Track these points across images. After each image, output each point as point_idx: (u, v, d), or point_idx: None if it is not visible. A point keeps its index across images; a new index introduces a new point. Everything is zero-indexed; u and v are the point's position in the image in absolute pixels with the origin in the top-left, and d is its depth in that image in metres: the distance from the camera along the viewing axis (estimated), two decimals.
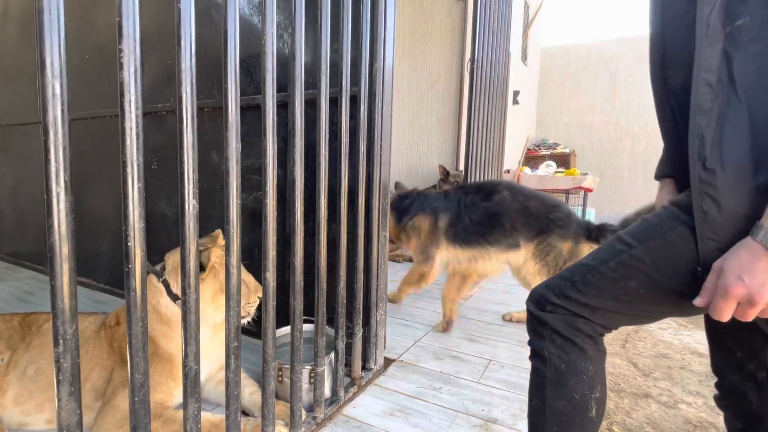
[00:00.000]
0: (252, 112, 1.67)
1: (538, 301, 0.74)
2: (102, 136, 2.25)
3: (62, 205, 0.54)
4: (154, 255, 2.08)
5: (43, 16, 0.51)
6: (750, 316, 0.56)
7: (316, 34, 1.18)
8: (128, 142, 0.62)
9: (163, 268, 1.06)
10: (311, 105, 1.39)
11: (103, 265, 2.32)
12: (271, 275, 0.90)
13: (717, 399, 0.87)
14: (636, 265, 0.66)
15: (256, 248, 1.71)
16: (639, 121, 6.60)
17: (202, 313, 0.95)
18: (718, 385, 0.85)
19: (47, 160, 0.53)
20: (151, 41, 1.96)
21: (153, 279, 1.06)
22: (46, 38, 0.52)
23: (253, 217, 1.72)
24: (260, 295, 1.11)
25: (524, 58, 5.94)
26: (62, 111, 0.53)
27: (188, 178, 0.71)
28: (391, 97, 1.42)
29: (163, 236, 2.03)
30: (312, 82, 1.50)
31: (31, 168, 2.72)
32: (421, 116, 3.62)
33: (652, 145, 6.56)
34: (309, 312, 1.27)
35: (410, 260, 3.47)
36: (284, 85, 1.55)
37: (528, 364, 1.50)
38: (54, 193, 0.54)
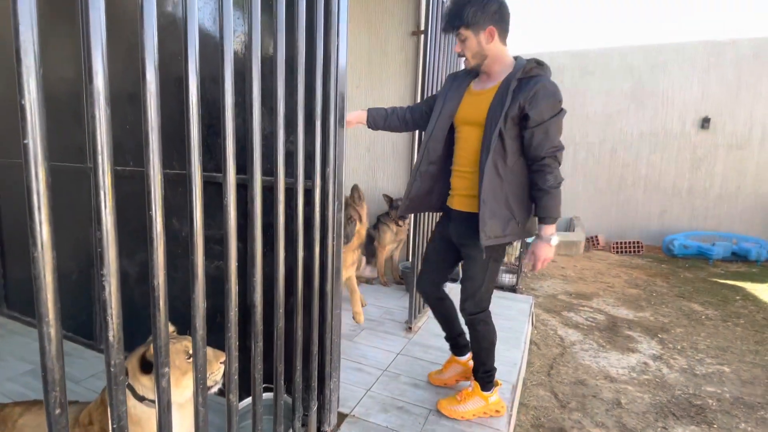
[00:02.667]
0: (212, 186, 1.78)
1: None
2: (61, 185, 2.26)
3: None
4: None
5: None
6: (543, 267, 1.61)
7: (272, 125, 1.32)
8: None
9: (126, 373, 1.17)
10: (270, 190, 1.53)
11: (64, 312, 2.34)
12: (233, 396, 1.06)
13: None
14: None
15: (218, 313, 1.84)
16: (581, 132, 7.08)
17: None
18: None
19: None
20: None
21: None
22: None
23: (214, 283, 1.84)
24: (222, 360, 1.25)
25: None
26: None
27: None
28: (342, 193, 1.58)
29: (125, 295, 2.10)
30: (270, 168, 1.63)
31: None
32: (377, 143, 3.77)
33: (591, 154, 7.07)
34: (269, 377, 1.44)
35: (367, 282, 3.68)
36: (244, 165, 1.68)
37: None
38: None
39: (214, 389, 1.21)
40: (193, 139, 0.93)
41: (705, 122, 6.33)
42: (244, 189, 1.76)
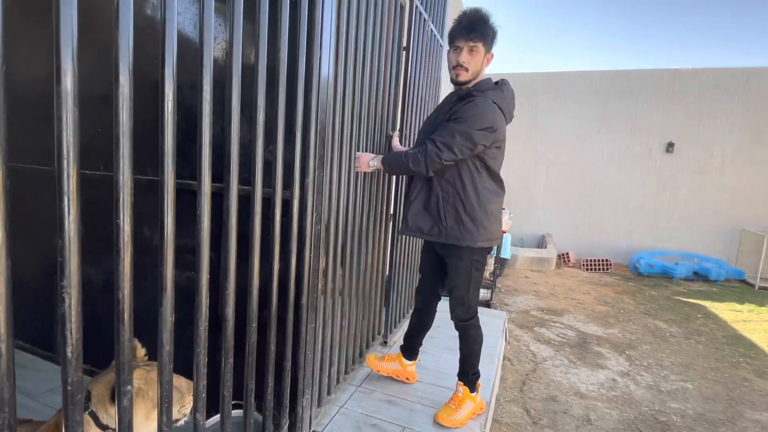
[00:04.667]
0: (186, 194, 1.72)
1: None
2: (26, 188, 2.15)
3: None
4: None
5: None
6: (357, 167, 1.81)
7: (251, 133, 1.29)
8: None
9: (88, 398, 1.09)
10: (247, 200, 1.49)
11: (22, 321, 2.20)
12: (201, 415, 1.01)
13: None
14: None
15: (188, 326, 1.77)
16: (553, 151, 7.30)
17: (137, 430, 1.04)
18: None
19: None
20: (80, 103, 1.92)
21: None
22: None
23: (184, 295, 1.77)
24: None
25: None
26: None
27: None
28: (321, 205, 1.56)
29: (89, 306, 2.00)
30: (247, 177, 1.60)
31: None
32: None
33: (563, 173, 7.28)
34: (239, 394, 1.38)
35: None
36: (220, 173, 1.64)
37: (435, 431, 1.73)
38: None
39: (181, 422, 1.15)
40: (167, 145, 0.89)
41: (669, 147, 6.63)
42: (219, 198, 1.72)
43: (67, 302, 0.71)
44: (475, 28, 1.57)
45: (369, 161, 1.83)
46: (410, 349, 2.10)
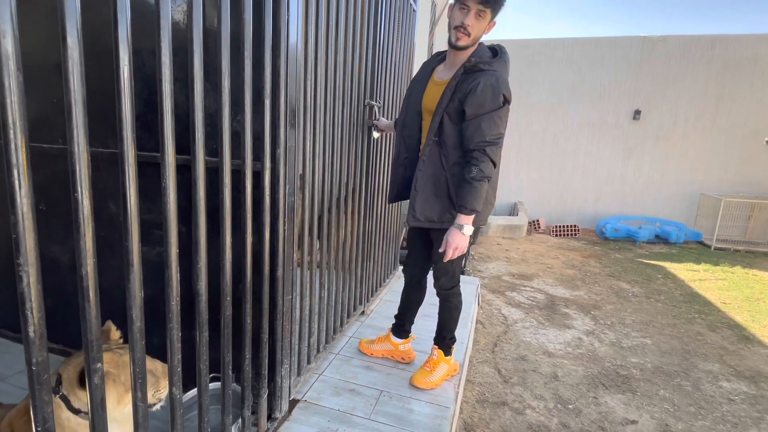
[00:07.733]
0: (152, 167, 1.65)
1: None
2: None
3: None
4: (48, 299, 1.98)
5: None
6: (453, 256, 1.61)
7: (217, 102, 1.24)
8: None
9: (59, 382, 1.06)
10: (216, 172, 1.44)
11: None
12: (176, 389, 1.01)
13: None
14: None
15: (160, 301, 1.73)
16: (526, 120, 7.35)
17: (109, 415, 1.03)
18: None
19: None
20: (33, 73, 1.79)
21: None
22: None
23: (155, 270, 1.73)
24: None
25: (430, 55, 6.20)
26: None
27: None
28: (294, 176, 1.53)
29: (56, 283, 1.93)
30: (215, 148, 1.54)
31: None
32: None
33: (535, 142, 7.37)
34: (217, 367, 1.39)
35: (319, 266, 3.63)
36: (187, 145, 1.57)
37: (411, 393, 1.79)
38: None
39: (156, 407, 1.14)
40: (125, 114, 0.84)
41: (636, 114, 6.79)
42: (188, 170, 1.66)
43: (25, 280, 0.67)
44: None
45: (463, 232, 1.60)
46: (399, 326, 2.06)
